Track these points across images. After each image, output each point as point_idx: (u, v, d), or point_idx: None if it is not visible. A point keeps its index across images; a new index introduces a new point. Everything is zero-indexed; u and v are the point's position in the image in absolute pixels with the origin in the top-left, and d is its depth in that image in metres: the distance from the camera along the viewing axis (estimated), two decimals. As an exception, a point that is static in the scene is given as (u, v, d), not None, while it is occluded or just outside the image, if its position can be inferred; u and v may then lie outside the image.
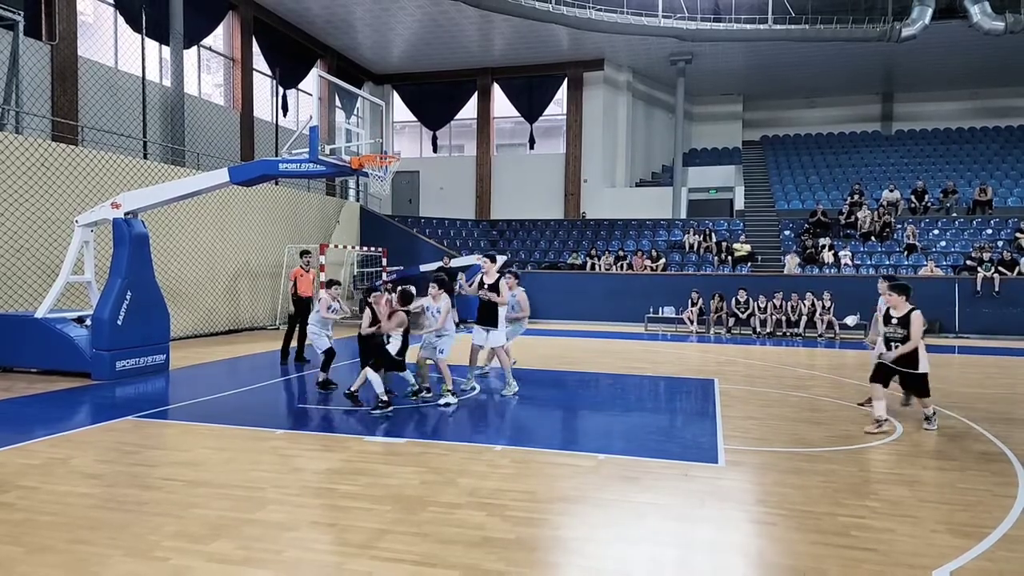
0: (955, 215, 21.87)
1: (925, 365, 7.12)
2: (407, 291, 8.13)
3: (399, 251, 20.96)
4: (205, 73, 19.76)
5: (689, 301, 18.68)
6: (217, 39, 20.08)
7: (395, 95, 27.87)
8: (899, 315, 7.11)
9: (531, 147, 27.08)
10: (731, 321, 18.31)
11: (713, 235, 22.03)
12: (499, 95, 27.14)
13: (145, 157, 15.67)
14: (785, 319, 17.84)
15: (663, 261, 20.89)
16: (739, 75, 26.79)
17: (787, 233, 22.52)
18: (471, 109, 27.17)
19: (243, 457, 6.00)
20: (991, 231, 20.69)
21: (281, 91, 22.03)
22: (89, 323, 10.04)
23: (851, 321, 10.89)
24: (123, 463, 5.83)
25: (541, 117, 26.80)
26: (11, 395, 8.65)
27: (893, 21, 20.69)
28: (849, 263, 19.91)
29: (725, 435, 6.94)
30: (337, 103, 24.89)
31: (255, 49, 20.97)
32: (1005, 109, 27.52)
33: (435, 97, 27.23)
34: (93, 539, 4.19)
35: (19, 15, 12.85)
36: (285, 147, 9.80)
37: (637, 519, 4.66)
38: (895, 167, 25.92)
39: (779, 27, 21.22)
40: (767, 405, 8.60)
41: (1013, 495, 5.21)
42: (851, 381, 10.43)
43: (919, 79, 26.87)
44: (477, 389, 9.29)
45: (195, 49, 18.91)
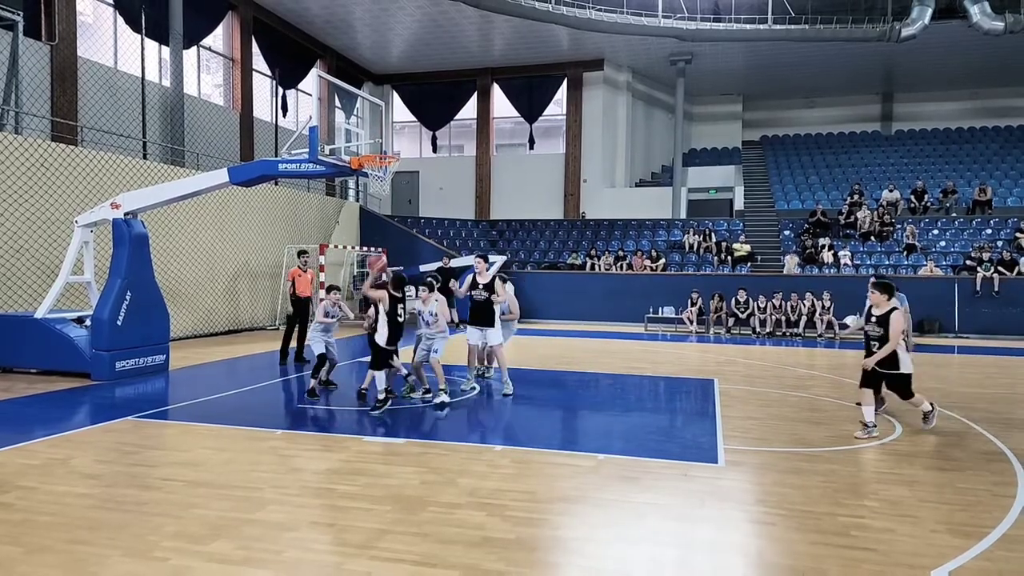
0: (955, 215, 21.87)
1: (908, 366, 7.04)
2: (400, 275, 8.12)
3: (399, 251, 20.98)
4: (205, 73, 19.75)
5: (689, 301, 18.68)
6: (217, 39, 20.07)
7: (395, 95, 27.86)
8: (879, 314, 7.04)
9: (531, 147, 27.07)
10: (731, 321, 18.31)
11: (713, 235, 22.03)
12: (499, 95, 27.13)
13: (145, 157, 15.66)
14: (785, 319, 17.84)
15: (663, 261, 20.89)
16: (739, 75, 26.78)
17: (787, 233, 22.52)
18: (471, 109, 27.15)
19: (243, 457, 6.00)
20: (991, 231, 20.69)
21: (281, 91, 22.00)
22: (89, 323, 10.04)
23: (851, 321, 10.87)
24: (123, 463, 5.82)
25: (541, 117, 26.79)
26: (11, 395, 8.65)
27: (893, 21, 20.70)
28: (849, 263, 19.90)
29: (725, 435, 6.94)
30: (337, 103, 24.88)
31: (255, 49, 20.96)
32: (1005, 109, 27.52)
33: (435, 97, 27.21)
34: (92, 539, 4.19)
35: (19, 15, 12.83)
36: (285, 147, 9.78)
37: (637, 519, 4.66)
38: (895, 167, 25.92)
39: (779, 27, 21.23)
40: (767, 405, 8.61)
41: (1012, 495, 5.21)
42: (851, 381, 10.40)
43: (919, 79, 26.88)
44: (477, 389, 9.29)
45: (195, 49, 18.90)
